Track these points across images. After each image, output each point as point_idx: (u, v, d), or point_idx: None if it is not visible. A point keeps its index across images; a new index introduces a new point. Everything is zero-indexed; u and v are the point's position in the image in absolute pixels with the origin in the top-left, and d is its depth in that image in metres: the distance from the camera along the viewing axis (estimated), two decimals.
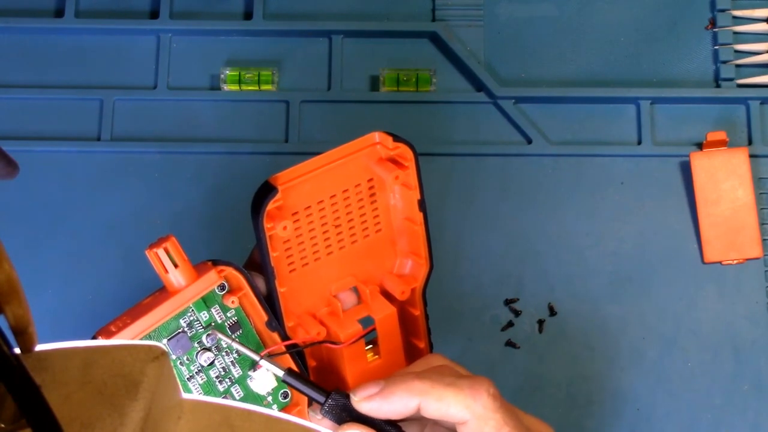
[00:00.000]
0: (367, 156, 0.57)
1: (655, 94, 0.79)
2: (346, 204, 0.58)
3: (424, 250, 0.60)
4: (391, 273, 0.61)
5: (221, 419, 0.40)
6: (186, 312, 0.54)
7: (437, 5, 0.81)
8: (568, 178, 0.78)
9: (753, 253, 0.75)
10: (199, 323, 0.55)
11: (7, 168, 0.50)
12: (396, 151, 0.57)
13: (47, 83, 0.80)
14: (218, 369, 0.56)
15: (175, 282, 0.53)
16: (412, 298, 0.61)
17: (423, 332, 0.63)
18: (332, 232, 0.58)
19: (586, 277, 0.76)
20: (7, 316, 0.37)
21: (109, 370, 0.37)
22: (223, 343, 0.55)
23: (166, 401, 0.39)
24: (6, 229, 0.76)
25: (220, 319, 0.55)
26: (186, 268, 0.53)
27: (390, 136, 0.56)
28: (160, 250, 0.52)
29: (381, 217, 0.59)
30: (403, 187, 0.59)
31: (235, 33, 0.81)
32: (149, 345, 0.38)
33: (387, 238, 0.60)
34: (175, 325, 0.54)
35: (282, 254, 0.56)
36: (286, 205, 0.55)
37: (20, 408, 0.32)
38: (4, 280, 0.36)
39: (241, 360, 0.56)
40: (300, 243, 0.57)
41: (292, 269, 0.57)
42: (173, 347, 0.54)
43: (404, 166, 0.58)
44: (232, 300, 0.55)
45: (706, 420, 0.73)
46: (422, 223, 0.59)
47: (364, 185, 0.58)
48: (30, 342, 0.38)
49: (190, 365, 0.55)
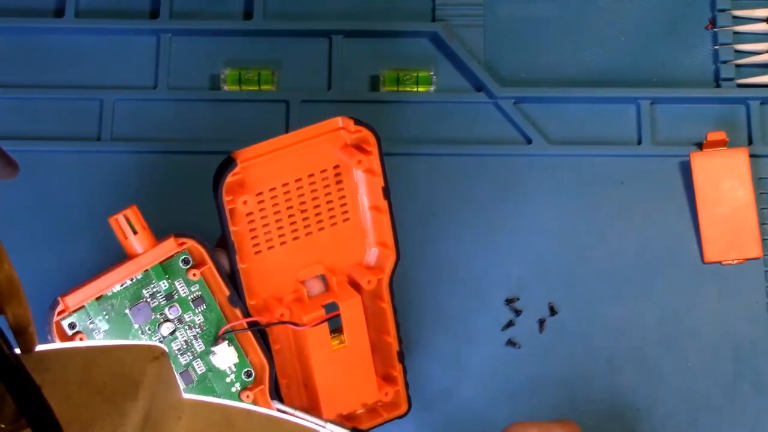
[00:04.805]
0: (331, 141, 0.58)
1: (655, 94, 0.78)
2: (312, 189, 0.58)
3: (391, 240, 0.61)
4: (359, 264, 0.61)
5: (221, 419, 0.40)
6: (148, 282, 0.56)
7: (437, 5, 0.81)
8: (568, 178, 0.78)
9: (753, 253, 0.75)
10: (161, 294, 0.57)
11: (7, 168, 0.50)
12: (357, 135, 0.58)
13: (47, 83, 0.80)
14: (180, 342, 0.58)
15: (135, 248, 0.56)
16: (378, 289, 0.62)
17: (391, 326, 0.63)
18: (298, 216, 0.58)
19: (586, 277, 0.76)
20: (7, 316, 0.37)
21: (109, 370, 0.37)
22: (186, 317, 0.57)
23: (166, 401, 0.39)
24: (6, 229, 0.76)
25: (184, 293, 0.58)
26: (145, 236, 0.56)
27: (352, 120, 0.57)
28: (120, 217, 0.55)
29: (349, 206, 0.60)
30: (367, 174, 0.59)
31: (235, 33, 0.81)
32: (149, 345, 0.38)
33: (355, 228, 0.61)
34: (137, 294, 0.56)
35: (245, 231, 0.57)
36: (248, 181, 0.56)
37: (20, 408, 0.32)
38: (4, 280, 0.36)
39: (203, 335, 0.58)
40: (265, 224, 0.58)
41: (257, 250, 0.58)
42: (135, 316, 0.56)
43: (367, 151, 0.58)
44: (194, 273, 0.57)
45: (706, 420, 0.73)
46: (387, 212, 0.60)
47: (330, 171, 0.59)
48: (30, 342, 0.38)
49: (152, 335, 0.57)
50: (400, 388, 0.65)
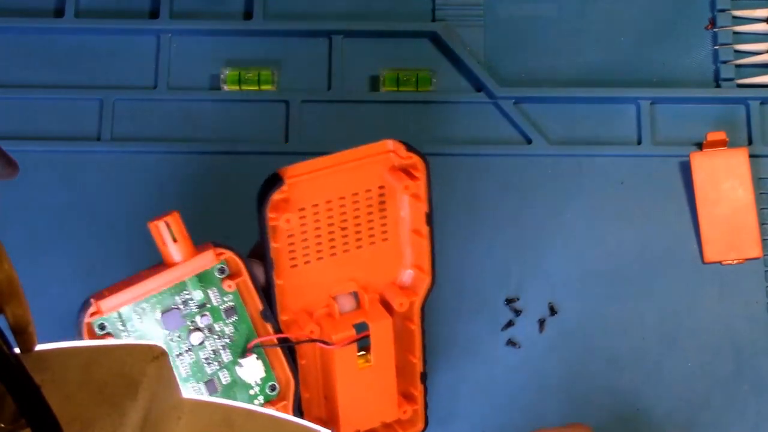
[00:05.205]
0: (379, 163, 0.58)
1: (655, 94, 0.78)
2: (355, 207, 0.58)
3: (428, 264, 0.60)
4: (392, 284, 0.61)
5: (221, 419, 0.40)
6: (182, 289, 0.55)
7: (437, 5, 0.81)
8: (568, 178, 0.78)
9: (753, 253, 0.75)
10: (194, 303, 0.56)
11: (7, 168, 0.50)
12: (408, 161, 0.57)
13: (47, 83, 0.80)
14: (208, 351, 0.56)
15: (173, 256, 0.54)
16: (410, 311, 0.61)
17: (418, 347, 0.63)
18: (338, 234, 0.58)
19: (586, 277, 0.75)
20: (6, 315, 0.37)
21: (109, 370, 0.37)
22: (216, 326, 0.56)
23: (166, 401, 0.39)
24: (6, 229, 0.76)
25: (217, 302, 0.56)
26: (185, 244, 0.54)
27: (403, 145, 0.57)
28: (161, 223, 0.54)
29: (389, 227, 0.60)
30: (412, 199, 0.59)
31: (235, 33, 0.81)
32: (149, 345, 0.38)
33: (393, 249, 0.60)
34: (170, 300, 0.55)
35: (284, 247, 0.56)
36: (292, 198, 0.55)
37: (20, 408, 0.32)
38: (4, 280, 0.36)
39: (232, 345, 0.57)
40: (304, 239, 0.57)
41: (293, 264, 0.57)
42: (166, 322, 0.55)
43: (415, 177, 0.58)
44: (229, 284, 0.56)
45: (706, 420, 0.73)
46: (428, 237, 0.59)
47: (374, 192, 0.58)
48: (30, 342, 0.38)
49: (181, 343, 0.55)
50: (419, 407, 0.65)
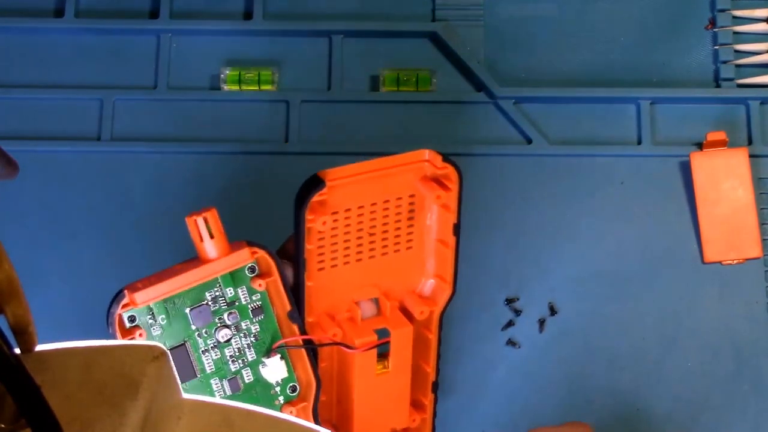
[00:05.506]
0: (413, 171, 0.58)
1: (655, 94, 0.78)
2: (385, 215, 0.58)
3: (450, 275, 0.61)
4: (413, 292, 0.61)
5: (221, 419, 0.40)
6: (213, 285, 0.55)
7: (437, 5, 0.81)
8: (568, 178, 0.78)
9: (753, 253, 0.75)
10: (224, 299, 0.56)
11: (7, 168, 0.50)
12: (443, 171, 0.57)
13: (47, 83, 0.80)
14: (234, 348, 0.56)
15: (208, 252, 0.54)
16: (429, 320, 0.62)
17: (433, 357, 0.63)
18: (366, 239, 0.58)
19: (586, 277, 0.75)
20: (7, 316, 0.36)
21: (109, 370, 0.37)
22: (243, 325, 0.56)
23: (166, 401, 0.39)
24: (6, 229, 0.76)
25: (245, 300, 0.56)
26: (221, 241, 0.54)
27: (440, 156, 0.57)
28: (200, 219, 0.54)
29: (414, 235, 0.60)
30: (441, 209, 0.59)
31: (235, 33, 0.81)
32: (149, 345, 0.38)
33: (416, 257, 0.61)
34: (200, 296, 0.55)
35: (315, 249, 0.57)
36: (329, 202, 0.56)
37: (20, 408, 0.32)
38: (4, 280, 0.36)
39: (257, 344, 0.57)
40: (333, 243, 0.57)
41: (321, 267, 0.58)
42: (194, 317, 0.55)
43: (448, 187, 0.58)
44: (259, 283, 0.56)
45: (706, 420, 0.73)
46: (453, 248, 0.60)
47: (405, 200, 0.58)
48: (30, 342, 0.38)
49: (207, 339, 0.56)
50: (428, 416, 0.65)
